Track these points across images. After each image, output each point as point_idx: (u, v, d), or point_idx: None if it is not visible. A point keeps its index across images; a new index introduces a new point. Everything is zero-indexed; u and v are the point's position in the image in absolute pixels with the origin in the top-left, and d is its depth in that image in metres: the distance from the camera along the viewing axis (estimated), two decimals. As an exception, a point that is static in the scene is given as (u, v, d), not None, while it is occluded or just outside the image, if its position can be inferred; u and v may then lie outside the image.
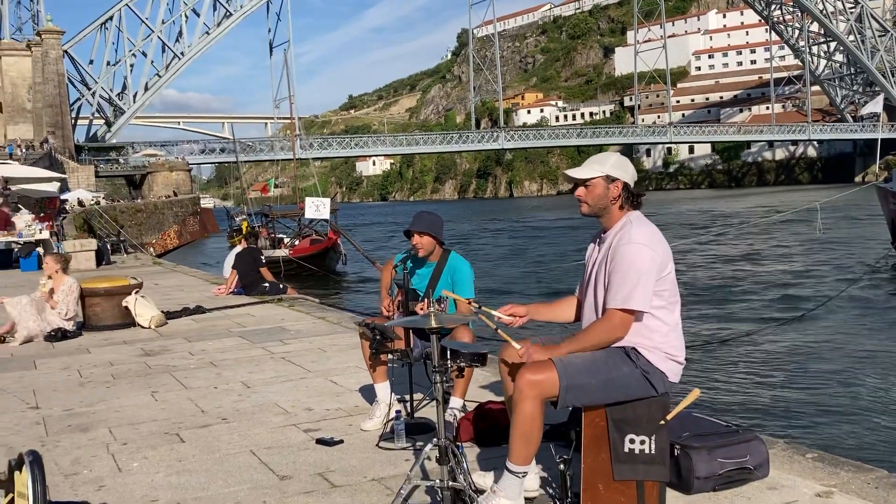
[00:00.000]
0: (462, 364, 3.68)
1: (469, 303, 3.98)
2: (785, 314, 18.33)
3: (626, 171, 3.63)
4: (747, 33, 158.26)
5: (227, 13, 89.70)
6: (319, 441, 5.06)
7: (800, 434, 8.63)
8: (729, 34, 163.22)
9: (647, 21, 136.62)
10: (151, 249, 38.50)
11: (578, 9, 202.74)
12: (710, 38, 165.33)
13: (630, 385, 3.49)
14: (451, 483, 3.50)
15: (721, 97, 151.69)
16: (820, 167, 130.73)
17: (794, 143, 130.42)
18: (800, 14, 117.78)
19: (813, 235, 32.90)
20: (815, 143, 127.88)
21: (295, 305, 11.64)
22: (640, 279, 3.43)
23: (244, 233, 17.07)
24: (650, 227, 3.57)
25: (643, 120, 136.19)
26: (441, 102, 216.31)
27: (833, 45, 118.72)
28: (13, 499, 3.50)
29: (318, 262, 31.69)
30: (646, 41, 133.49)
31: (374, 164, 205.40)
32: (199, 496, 4.24)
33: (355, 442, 5.03)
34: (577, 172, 3.67)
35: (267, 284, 13.10)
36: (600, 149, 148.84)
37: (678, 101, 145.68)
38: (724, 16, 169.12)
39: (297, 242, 35.20)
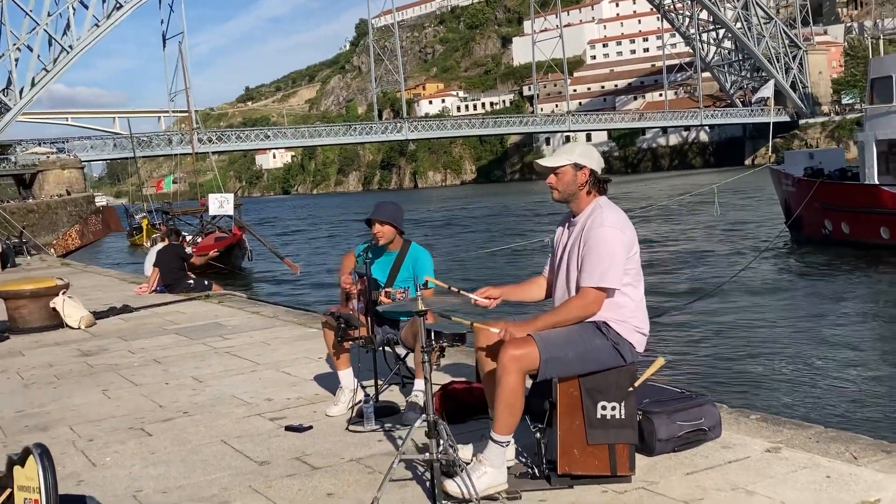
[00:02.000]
0: (444, 344, 3.91)
1: (450, 289, 4.19)
2: (694, 292, 19.20)
3: (592, 159, 3.93)
4: (639, 22, 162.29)
5: (118, 4, 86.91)
6: (289, 428, 5.21)
7: (737, 399, 9.16)
8: (622, 23, 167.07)
9: (542, 11, 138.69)
10: (52, 250, 37.32)
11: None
12: (604, 27, 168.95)
13: (602, 356, 3.80)
14: (440, 455, 3.73)
15: (616, 85, 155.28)
16: (712, 151, 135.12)
17: (687, 128, 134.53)
18: (690, 2, 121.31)
19: (712, 217, 34.24)
20: (706, 128, 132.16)
21: (224, 301, 11.63)
22: (613, 259, 3.75)
23: (165, 231, 16.81)
24: (619, 211, 3.89)
25: (542, 109, 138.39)
26: (341, 93, 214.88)
27: (722, 32, 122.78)
28: (11, 494, 3.56)
29: (223, 259, 31.22)
30: (542, 31, 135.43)
31: (274, 157, 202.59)
32: (183, 484, 4.35)
33: (324, 427, 5.20)
34: (547, 161, 3.95)
35: (192, 281, 13.02)
36: (502, 138, 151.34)
37: (575, 90, 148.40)
38: (617, 5, 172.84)
39: (199, 240, 34.56)
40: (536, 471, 3.97)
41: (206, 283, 13.25)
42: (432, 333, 3.84)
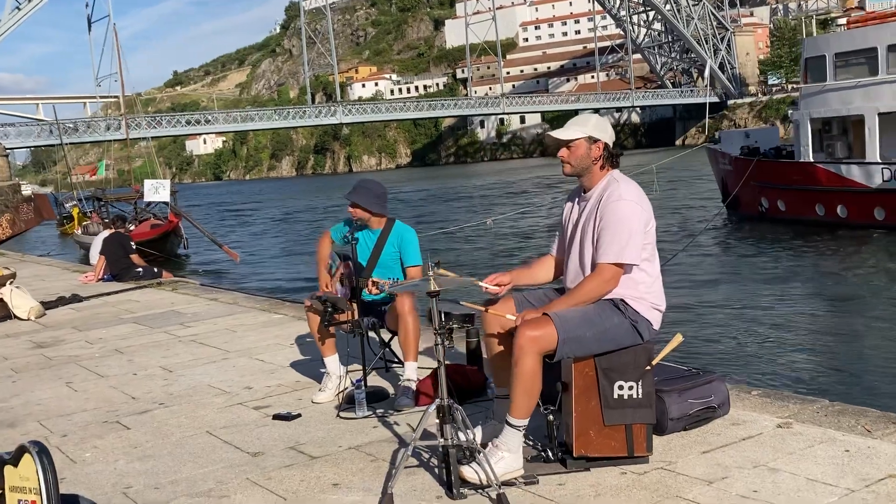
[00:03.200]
0: (454, 326, 3.77)
1: (459, 278, 4.00)
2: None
3: (605, 132, 3.80)
4: (571, 4, 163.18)
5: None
6: (277, 417, 5.02)
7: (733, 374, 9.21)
8: (553, 5, 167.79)
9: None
10: (-20, 241, 35.97)
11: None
12: (536, 9, 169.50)
13: (621, 335, 3.69)
14: (454, 440, 3.59)
15: (549, 67, 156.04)
16: (643, 132, 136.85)
17: (619, 110, 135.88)
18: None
19: (652, 195, 34.60)
20: (638, 109, 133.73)
21: (178, 289, 11.28)
22: (632, 234, 3.63)
23: (111, 218, 16.22)
24: (634, 184, 3.77)
25: (476, 92, 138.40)
26: (272, 77, 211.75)
27: (652, 14, 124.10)
28: (2, 495, 3.32)
29: (159, 246, 30.41)
30: (475, 13, 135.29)
31: (205, 142, 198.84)
32: (175, 479, 4.14)
33: (313, 415, 5.02)
34: (560, 134, 3.81)
35: (140, 269, 12.61)
36: (436, 121, 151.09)
37: (508, 73, 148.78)
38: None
39: (132, 227, 33.65)
40: (550, 454, 3.86)
41: (155, 270, 12.84)
42: (442, 315, 3.69)
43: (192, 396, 5.68)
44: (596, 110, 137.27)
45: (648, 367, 3.77)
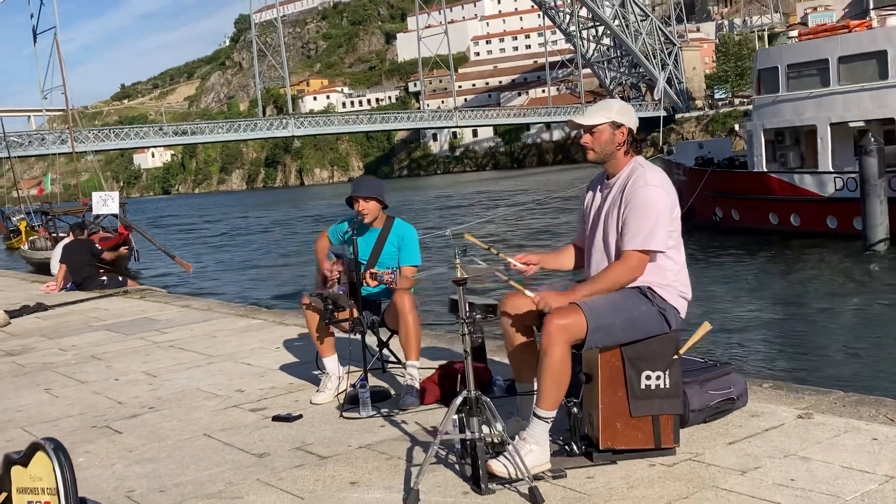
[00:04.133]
0: (477, 316, 3.66)
1: (489, 249, 3.88)
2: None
3: (630, 117, 3.73)
4: (521, 19, 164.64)
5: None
6: (276, 418, 4.85)
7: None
8: (504, 20, 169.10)
9: (426, 7, 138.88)
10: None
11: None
12: (487, 24, 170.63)
13: (649, 323, 3.61)
14: (483, 434, 3.48)
15: (500, 82, 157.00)
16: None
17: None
18: (570, 0, 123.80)
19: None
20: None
21: (146, 297, 11.00)
22: (658, 220, 3.56)
23: (71, 226, 15.73)
24: (660, 170, 3.70)
25: (428, 105, 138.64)
26: (222, 90, 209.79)
27: (601, 29, 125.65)
28: (8, 497, 3.13)
29: (107, 260, 29.77)
30: (426, 27, 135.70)
31: (153, 156, 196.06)
32: (180, 481, 3.96)
33: (314, 416, 4.86)
34: (584, 119, 3.74)
35: (105, 278, 12.26)
36: (389, 134, 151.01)
37: (460, 87, 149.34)
38: (500, 2, 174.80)
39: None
40: (575, 447, 3.76)
41: (120, 279, 12.51)
42: (467, 304, 3.57)
43: (182, 400, 5.48)
44: (547, 124, 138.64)
45: (676, 357, 3.70)
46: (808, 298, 16.42)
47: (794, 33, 32.99)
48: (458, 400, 3.50)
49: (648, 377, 3.67)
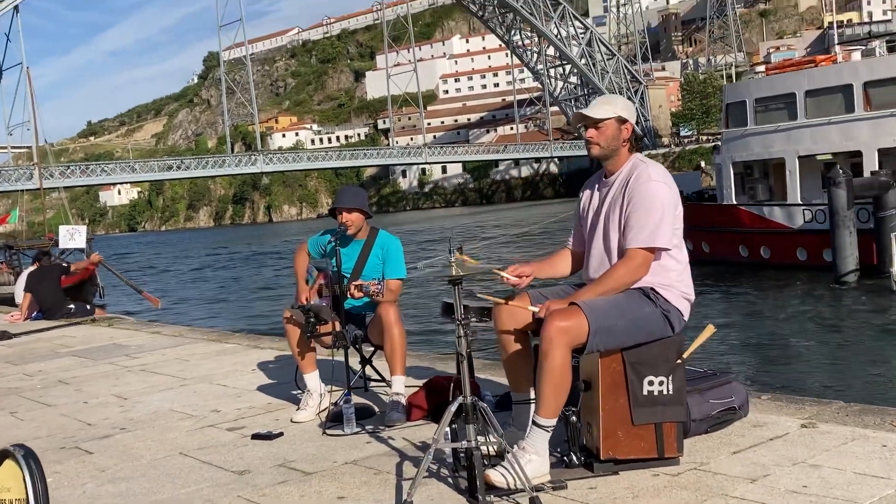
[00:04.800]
0: (473, 320, 3.50)
1: (480, 265, 3.73)
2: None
3: (633, 114, 3.62)
4: (489, 58, 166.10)
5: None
6: (256, 436, 4.62)
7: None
8: (473, 59, 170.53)
9: (396, 45, 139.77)
10: None
11: (327, 33, 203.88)
12: (456, 62, 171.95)
13: (652, 325, 3.47)
14: (480, 442, 3.30)
15: (469, 119, 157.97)
16: (562, 182, 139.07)
17: (538, 160, 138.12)
18: (537, 39, 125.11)
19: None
20: (556, 160, 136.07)
21: (115, 324, 10.68)
22: (664, 217, 3.43)
23: (35, 254, 15.33)
24: (661, 166, 3.58)
25: (397, 142, 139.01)
26: (190, 127, 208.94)
27: (568, 67, 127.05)
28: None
29: (73, 295, 29.23)
30: (395, 65, 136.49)
31: (119, 193, 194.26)
32: (156, 499, 3.73)
33: (296, 433, 4.65)
34: (591, 111, 3.61)
35: (72, 306, 11.93)
36: (358, 171, 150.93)
37: (429, 124, 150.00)
38: (468, 41, 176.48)
39: None
40: (574, 458, 3.59)
41: (87, 307, 12.18)
42: (461, 306, 3.41)
43: (155, 421, 5.23)
44: (516, 161, 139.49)
45: (679, 361, 3.55)
46: (784, 324, 16.44)
47: (762, 68, 33.44)
48: (454, 406, 3.32)
49: (651, 383, 3.51)
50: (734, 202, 28.20)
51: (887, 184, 22.38)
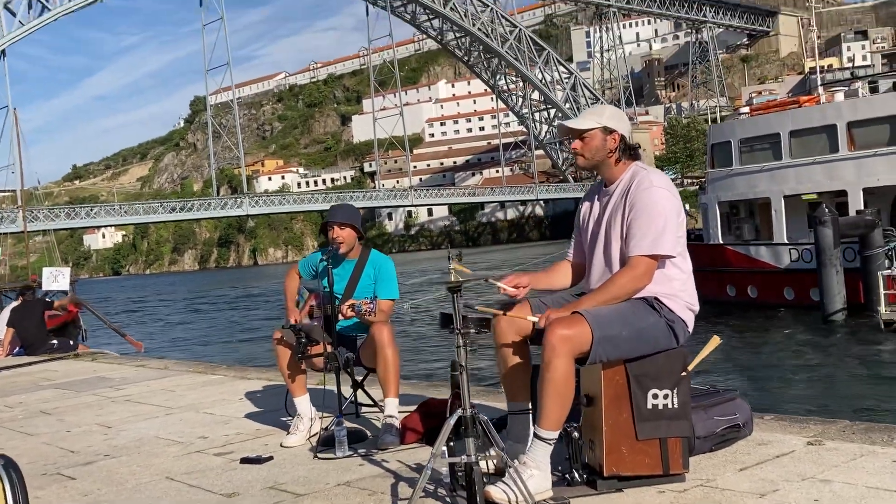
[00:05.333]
0: (472, 331, 3.40)
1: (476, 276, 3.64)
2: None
3: (622, 123, 3.55)
4: (475, 102, 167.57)
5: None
6: (245, 460, 4.48)
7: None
8: (458, 103, 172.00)
9: (382, 90, 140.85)
10: None
11: (314, 78, 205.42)
12: (442, 106, 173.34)
13: (656, 336, 3.37)
14: (479, 457, 3.18)
15: (455, 162, 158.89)
16: (548, 224, 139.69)
17: (524, 203, 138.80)
18: (522, 83, 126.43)
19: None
20: (541, 202, 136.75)
21: (98, 359, 10.49)
22: (667, 224, 3.35)
23: (19, 289, 15.15)
24: (663, 173, 3.52)
25: (384, 184, 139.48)
26: (176, 171, 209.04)
27: (553, 111, 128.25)
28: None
29: (56, 333, 28.90)
30: (382, 109, 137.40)
31: (104, 236, 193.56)
32: (142, 524, 3.57)
33: (286, 457, 4.51)
34: (574, 123, 3.55)
35: (55, 342, 11.74)
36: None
37: (415, 167, 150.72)
38: (454, 85, 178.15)
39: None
40: (577, 475, 3.46)
41: (71, 343, 11.99)
42: (460, 315, 3.31)
43: (140, 447, 5.08)
44: (502, 204, 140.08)
45: (684, 374, 3.46)
46: (776, 357, 16.37)
47: (745, 109, 33.78)
48: (453, 419, 3.20)
49: (655, 396, 3.41)
50: (721, 241, 28.28)
51: (873, 223, 22.50)
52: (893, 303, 20.22)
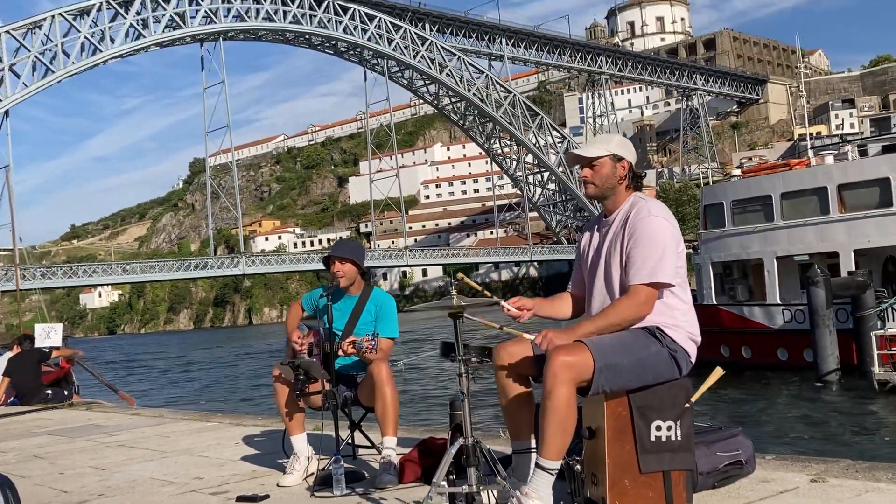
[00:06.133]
0: (473, 359, 3.41)
1: (483, 292, 3.66)
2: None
3: (630, 151, 3.61)
4: (470, 164, 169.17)
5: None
6: (241, 499, 4.43)
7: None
8: (454, 165, 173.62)
9: (378, 152, 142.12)
10: None
11: (312, 141, 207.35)
12: (437, 168, 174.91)
13: (659, 366, 3.38)
14: (480, 487, 3.16)
15: (450, 223, 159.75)
16: (542, 286, 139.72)
17: (518, 264, 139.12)
18: (516, 147, 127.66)
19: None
20: (535, 264, 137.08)
21: (93, 408, 10.41)
22: (665, 252, 3.38)
23: (18, 338, 15.07)
24: (661, 203, 3.56)
25: (379, 245, 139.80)
26: (173, 231, 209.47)
27: (546, 174, 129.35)
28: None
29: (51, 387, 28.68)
30: (378, 171, 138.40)
31: (100, 295, 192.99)
32: (138, 557, 3.52)
33: (282, 496, 4.46)
34: (584, 151, 3.60)
35: (49, 392, 11.64)
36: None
37: (411, 228, 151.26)
38: (449, 148, 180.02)
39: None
40: (578, 508, 3.44)
41: (65, 392, 11.89)
42: (461, 344, 3.32)
43: (134, 488, 5.02)
44: (496, 265, 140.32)
45: (687, 405, 3.45)
46: (772, 415, 16.29)
47: (737, 172, 34.14)
48: (455, 448, 3.19)
49: (659, 427, 3.40)
50: (714, 302, 28.31)
51: (864, 284, 22.59)
52: (887, 363, 20.20)
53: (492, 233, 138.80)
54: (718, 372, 3.65)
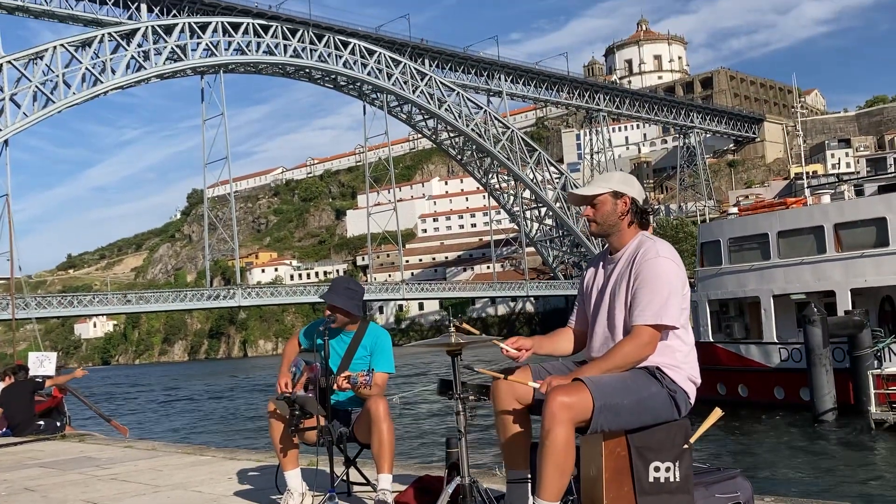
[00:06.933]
0: (471, 398, 3.40)
1: (480, 335, 3.66)
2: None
3: (632, 187, 3.61)
4: (467, 199, 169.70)
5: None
6: (235, 535, 4.39)
7: None
8: (451, 200, 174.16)
9: (377, 185, 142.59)
10: None
11: (310, 173, 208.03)
12: (435, 203, 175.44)
13: (658, 406, 3.37)
14: (478, 527, 3.14)
15: (446, 257, 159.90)
16: (538, 321, 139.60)
17: (514, 299, 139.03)
18: (514, 182, 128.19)
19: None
20: (532, 299, 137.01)
21: (86, 440, 10.33)
22: (671, 294, 3.38)
23: (12, 368, 14.97)
24: (668, 243, 3.56)
25: (376, 278, 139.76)
26: (170, 262, 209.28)
27: (543, 210, 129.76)
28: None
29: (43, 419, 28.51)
30: (376, 205, 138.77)
31: (95, 325, 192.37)
32: None
33: (277, 533, 4.42)
34: (583, 190, 3.61)
35: (42, 423, 11.56)
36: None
37: (407, 261, 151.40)
38: (447, 183, 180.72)
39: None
40: (575, 550, 3.41)
41: (58, 424, 11.81)
42: (460, 382, 3.32)
43: (127, 523, 4.98)
44: (492, 299, 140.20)
45: (686, 446, 3.44)
46: (768, 455, 16.19)
47: (734, 209, 34.28)
48: (451, 487, 3.17)
49: (657, 469, 3.39)
50: (711, 340, 28.29)
51: (861, 323, 22.62)
52: (884, 403, 20.18)
53: (488, 267, 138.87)
54: (717, 413, 3.63)
